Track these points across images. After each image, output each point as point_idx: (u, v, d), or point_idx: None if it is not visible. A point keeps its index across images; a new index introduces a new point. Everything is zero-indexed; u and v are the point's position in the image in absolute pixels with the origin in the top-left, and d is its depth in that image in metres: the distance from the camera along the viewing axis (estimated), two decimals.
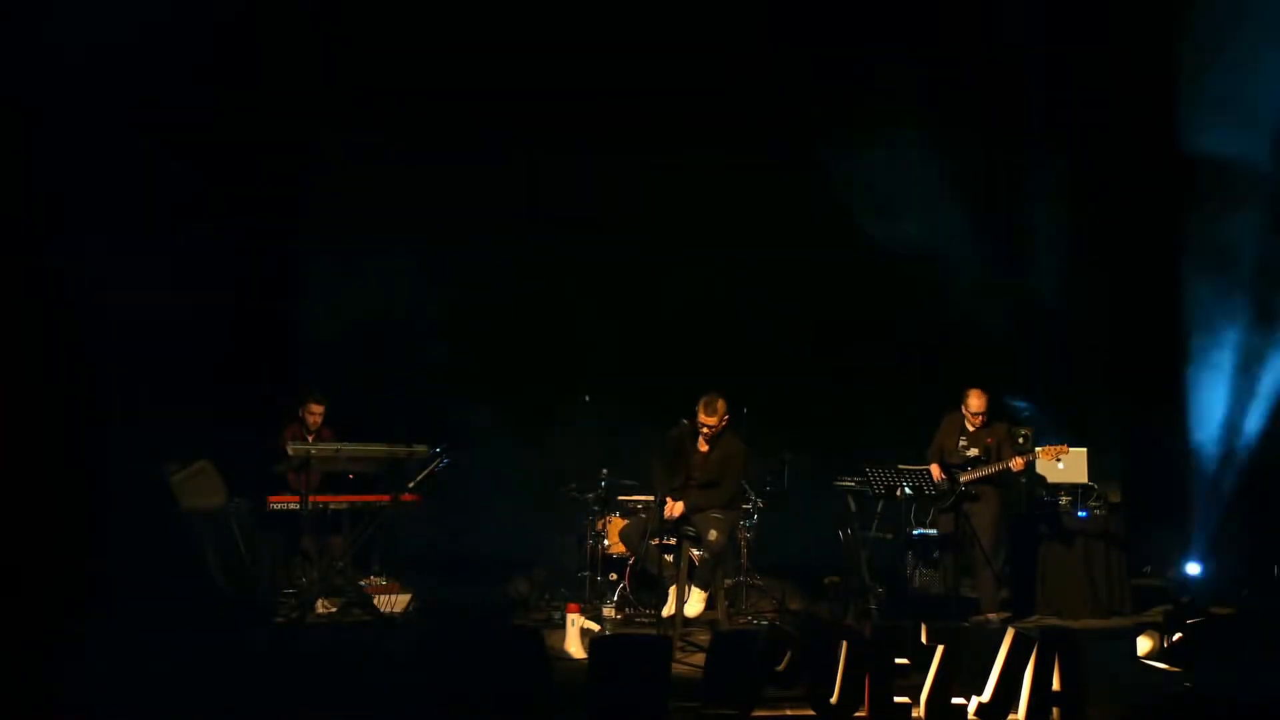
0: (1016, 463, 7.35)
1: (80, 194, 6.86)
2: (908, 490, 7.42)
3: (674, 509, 6.97)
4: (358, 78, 8.68)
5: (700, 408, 7.05)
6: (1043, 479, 8.25)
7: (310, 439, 7.86)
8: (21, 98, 6.50)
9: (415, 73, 8.68)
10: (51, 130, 6.67)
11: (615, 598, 7.51)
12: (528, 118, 9.23)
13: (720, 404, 7.06)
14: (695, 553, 7.13)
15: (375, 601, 7.25)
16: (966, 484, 7.46)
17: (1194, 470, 8.63)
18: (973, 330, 9.38)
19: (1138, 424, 9.14)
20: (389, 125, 9.32)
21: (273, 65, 8.21)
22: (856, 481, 7.63)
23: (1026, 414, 8.58)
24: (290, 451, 7.04)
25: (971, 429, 7.64)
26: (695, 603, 6.95)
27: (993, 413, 7.69)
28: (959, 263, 9.47)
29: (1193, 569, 8.38)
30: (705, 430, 7.06)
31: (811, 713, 4.95)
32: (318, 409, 7.99)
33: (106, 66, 6.87)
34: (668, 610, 6.95)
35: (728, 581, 7.52)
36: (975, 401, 7.60)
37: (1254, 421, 8.52)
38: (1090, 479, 8.24)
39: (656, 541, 7.06)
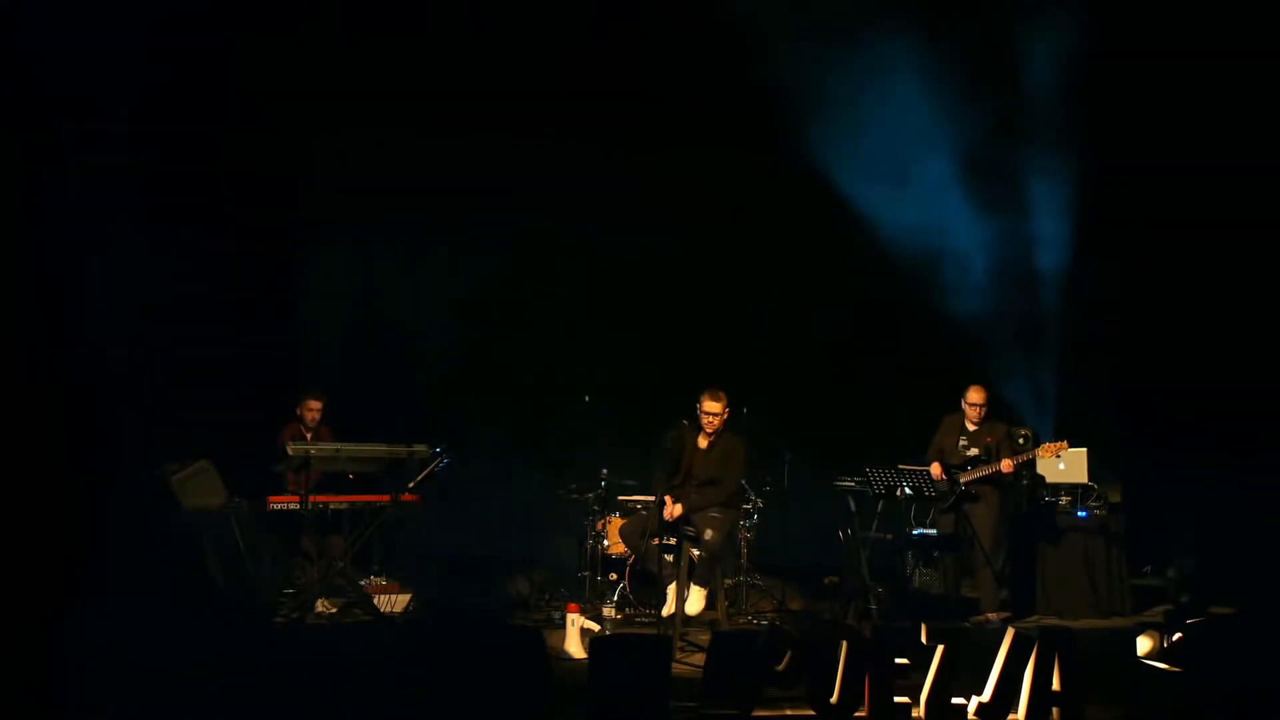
0: (1005, 465, 7.36)
1: (78, 193, 6.85)
2: (908, 490, 7.43)
3: (673, 510, 6.96)
4: (356, 74, 8.68)
5: (705, 396, 7.06)
6: (1042, 479, 8.25)
7: (309, 437, 7.87)
8: (20, 95, 6.51)
9: (414, 69, 8.68)
10: (48, 127, 6.68)
11: (615, 598, 7.51)
12: (528, 115, 9.24)
13: (722, 393, 7.09)
14: (695, 552, 7.13)
15: (375, 601, 7.25)
16: (966, 484, 7.47)
17: None
18: (974, 330, 9.38)
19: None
20: (388, 123, 9.34)
21: (271, 60, 8.20)
22: (856, 481, 7.62)
23: None
24: (290, 452, 7.02)
25: (972, 427, 7.65)
26: (696, 601, 6.95)
27: (993, 412, 7.69)
28: (961, 262, 9.49)
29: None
30: (709, 419, 7.05)
31: (811, 713, 4.95)
32: (315, 404, 7.99)
33: (104, 63, 6.87)
34: (668, 610, 6.94)
35: (728, 581, 7.52)
36: (975, 395, 7.61)
37: None
38: (1090, 479, 8.25)
39: (656, 541, 7.05)
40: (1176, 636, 6.14)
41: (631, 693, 4.84)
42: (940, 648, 5.02)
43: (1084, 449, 8.12)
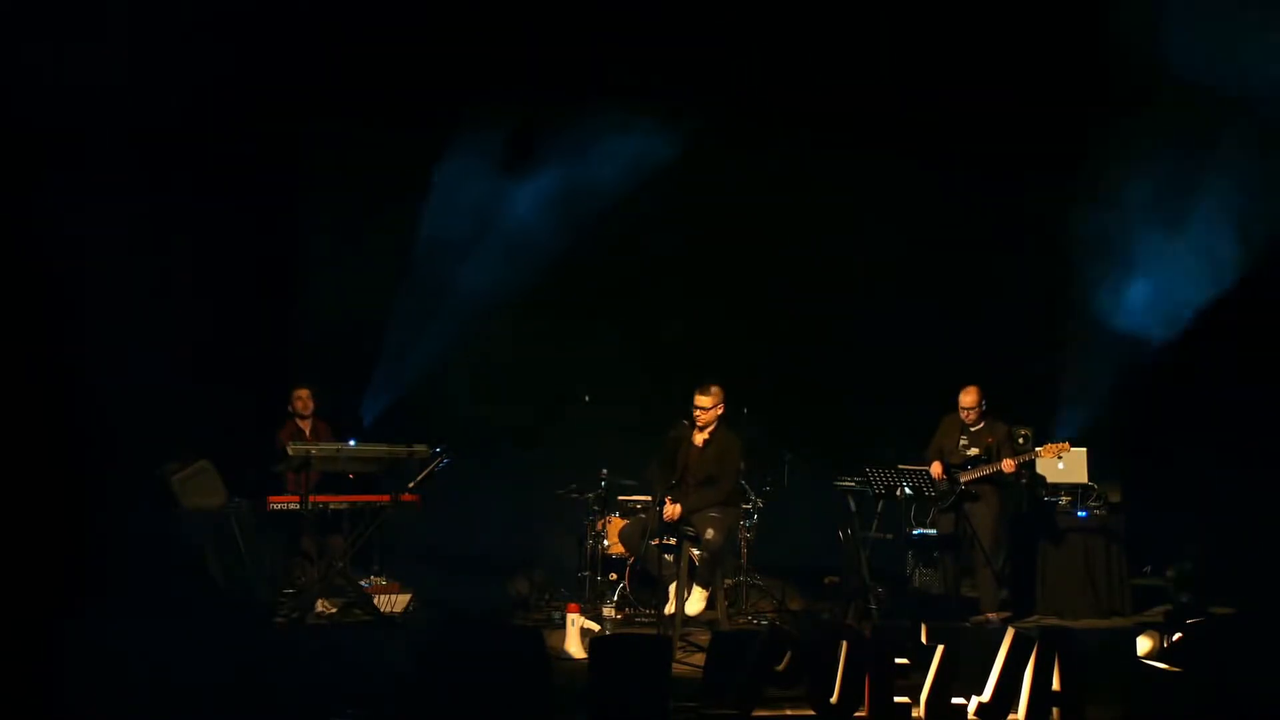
0: (1007, 464, 7.36)
1: (77, 191, 6.85)
2: (908, 490, 7.43)
3: (672, 511, 6.95)
4: (357, 71, 8.67)
5: (696, 391, 7.08)
6: (1043, 479, 8.25)
7: (306, 429, 7.88)
8: (19, 94, 6.51)
9: (413, 67, 8.67)
10: (46, 126, 6.68)
11: (615, 598, 7.52)
12: (528, 114, 9.23)
13: (715, 388, 7.08)
14: (695, 552, 7.13)
15: (375, 601, 7.25)
16: (967, 483, 7.47)
17: None
18: (974, 330, 9.37)
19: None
20: (388, 120, 9.32)
21: (270, 55, 8.19)
22: (856, 481, 7.62)
23: None
24: (290, 452, 7.04)
25: (972, 427, 7.64)
26: (696, 600, 6.95)
27: (991, 412, 7.69)
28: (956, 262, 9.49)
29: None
30: (699, 413, 7.04)
31: (811, 713, 4.96)
32: (303, 393, 8.01)
33: (101, 61, 6.87)
34: (669, 609, 6.94)
35: (728, 581, 7.52)
36: (966, 398, 7.61)
37: None
38: (1090, 479, 8.24)
39: (656, 542, 7.05)
40: (1176, 636, 6.14)
41: (631, 693, 4.84)
42: (940, 648, 5.03)
43: (1084, 449, 8.12)
